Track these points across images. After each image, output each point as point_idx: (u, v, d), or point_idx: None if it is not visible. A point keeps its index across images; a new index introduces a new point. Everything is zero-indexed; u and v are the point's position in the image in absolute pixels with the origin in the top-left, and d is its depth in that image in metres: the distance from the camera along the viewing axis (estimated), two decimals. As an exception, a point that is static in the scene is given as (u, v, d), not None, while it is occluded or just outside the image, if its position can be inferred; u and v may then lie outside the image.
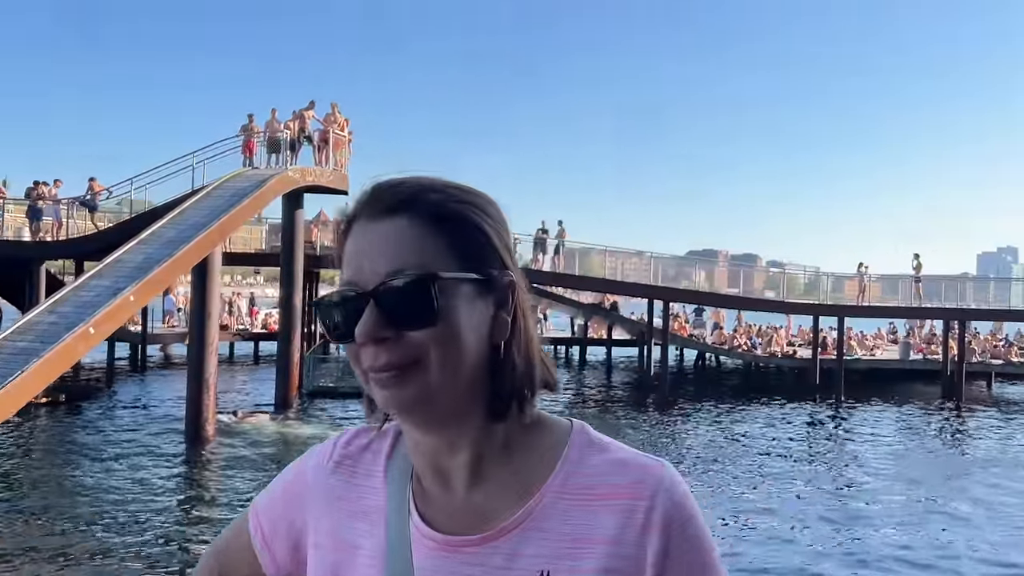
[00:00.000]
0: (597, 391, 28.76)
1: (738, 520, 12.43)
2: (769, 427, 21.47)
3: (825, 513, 13.08)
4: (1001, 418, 23.90)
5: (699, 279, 28.27)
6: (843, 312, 26.92)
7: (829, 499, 14.13)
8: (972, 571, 10.66)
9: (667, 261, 29.43)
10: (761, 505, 13.38)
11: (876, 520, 12.82)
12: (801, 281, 32.55)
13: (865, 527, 12.41)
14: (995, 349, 29.68)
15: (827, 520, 12.67)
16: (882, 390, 27.79)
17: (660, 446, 18.33)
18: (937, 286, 28.07)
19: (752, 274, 34.52)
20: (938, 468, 16.98)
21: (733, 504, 13.38)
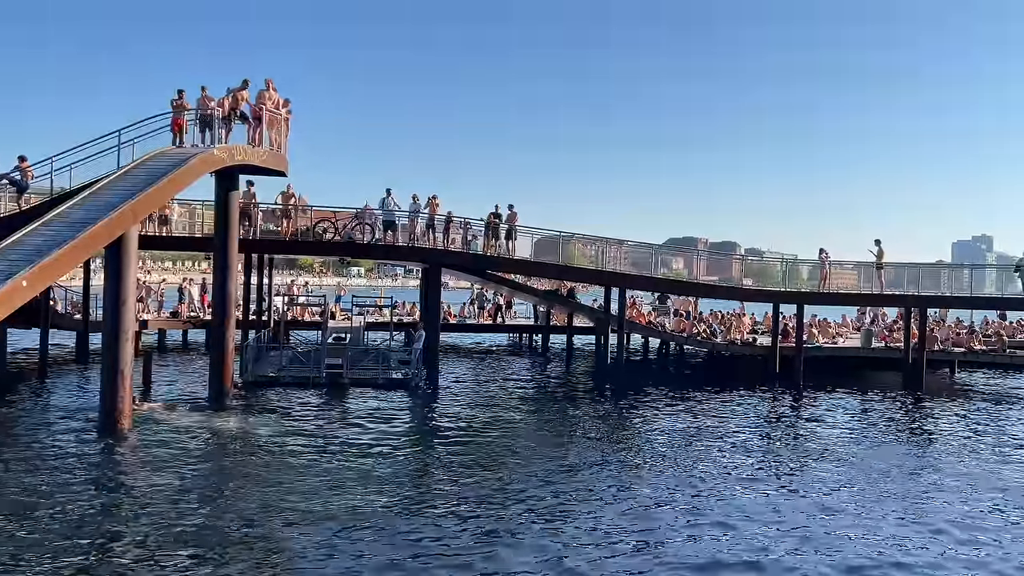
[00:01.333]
0: (555, 380, 28.13)
1: (683, 511, 12.13)
2: (723, 416, 20.88)
3: (774, 504, 12.63)
4: (959, 408, 23.45)
5: (655, 265, 27.51)
6: (802, 299, 26.36)
7: (778, 491, 13.61)
8: (914, 559, 10.43)
9: (640, 249, 28.60)
10: (708, 497, 12.90)
11: (825, 511, 12.44)
12: (778, 269, 31.91)
13: (815, 517, 12.05)
14: (957, 337, 29.29)
15: (775, 511, 12.26)
16: (843, 379, 27.32)
17: (612, 438, 17.79)
18: (912, 273, 27.42)
19: (729, 262, 33.81)
20: (888, 459, 16.44)
21: (683, 497, 12.94)
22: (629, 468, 14.79)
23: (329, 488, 12.67)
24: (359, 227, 23.65)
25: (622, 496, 12.94)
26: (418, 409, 20.38)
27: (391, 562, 9.68)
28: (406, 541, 10.45)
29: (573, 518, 11.68)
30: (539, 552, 10.21)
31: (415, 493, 12.69)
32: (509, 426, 18.71)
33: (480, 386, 25.14)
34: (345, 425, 17.74)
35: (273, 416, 18.55)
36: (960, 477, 15.01)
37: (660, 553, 10.39)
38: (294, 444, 15.84)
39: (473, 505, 12.10)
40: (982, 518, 12.44)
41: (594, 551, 10.38)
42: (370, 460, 14.65)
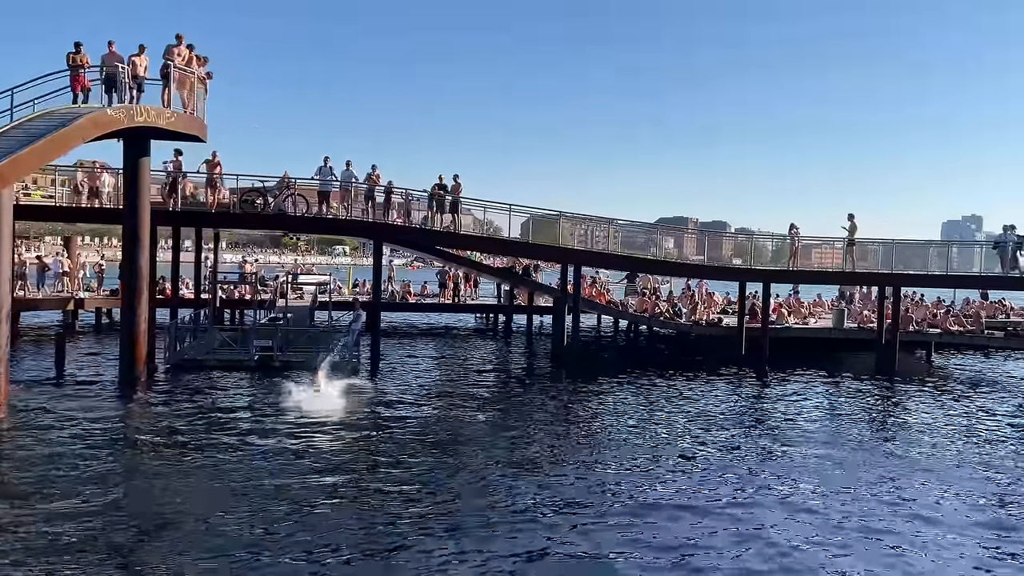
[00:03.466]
0: (507, 362, 26.65)
1: (627, 500, 11.26)
2: (675, 400, 19.50)
3: (723, 496, 11.56)
4: (926, 393, 22.00)
5: (608, 241, 25.90)
6: (768, 277, 24.82)
7: (729, 482, 12.49)
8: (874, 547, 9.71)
9: (630, 228, 26.90)
10: (652, 488, 11.85)
11: (777, 500, 11.51)
12: (769, 247, 30.32)
13: (766, 506, 11.18)
14: (933, 318, 27.83)
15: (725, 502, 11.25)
16: (814, 361, 25.90)
17: (563, 422, 16.50)
18: (896, 251, 25.77)
19: (720, 241, 32.08)
20: (850, 448, 15.07)
21: (627, 486, 11.95)
22: (562, 457, 13.33)
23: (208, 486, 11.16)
24: (290, 198, 21.91)
25: (558, 487, 11.74)
26: (345, 394, 18.69)
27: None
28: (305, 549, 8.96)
29: (502, 508, 10.35)
30: (467, 544, 8.98)
31: (316, 490, 11.16)
32: (446, 412, 17.13)
33: (426, 368, 23.59)
34: (256, 411, 16.16)
35: (179, 402, 16.98)
36: (908, 466, 13.74)
37: (599, 541, 9.48)
38: (190, 432, 14.31)
39: (396, 500, 10.86)
40: (933, 508, 11.46)
41: (533, 543, 9.44)
42: (265, 452, 13.07)
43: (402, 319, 36.90)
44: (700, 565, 9.05)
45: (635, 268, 26.11)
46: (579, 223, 26.05)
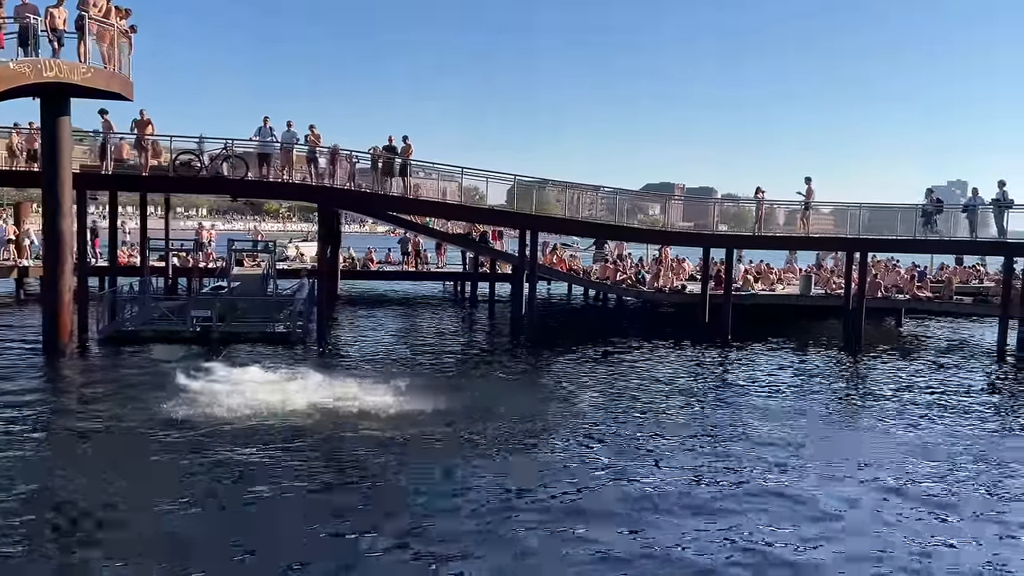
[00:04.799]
0: (471, 331, 25.83)
1: (572, 473, 10.79)
2: (638, 368, 18.83)
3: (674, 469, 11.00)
4: (890, 360, 21.37)
5: (566, 204, 24.87)
6: (732, 243, 23.95)
7: (677, 452, 11.99)
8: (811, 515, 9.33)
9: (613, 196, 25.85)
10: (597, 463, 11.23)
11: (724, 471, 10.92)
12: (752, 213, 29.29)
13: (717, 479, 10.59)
14: (908, 284, 27.08)
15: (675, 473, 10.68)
16: (780, 328, 25.21)
17: (516, 394, 15.78)
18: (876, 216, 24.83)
19: (706, 208, 30.91)
20: (803, 417, 14.44)
21: (577, 457, 11.56)
22: (510, 430, 12.52)
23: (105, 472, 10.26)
24: (227, 161, 20.75)
25: (509, 462, 11.22)
26: (284, 367, 17.67)
27: None
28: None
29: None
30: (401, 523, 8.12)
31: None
32: (393, 385, 16.21)
33: (377, 339, 22.70)
34: (175, 388, 15.16)
35: (95, 377, 16.07)
36: (862, 433, 13.16)
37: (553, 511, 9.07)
38: (92, 411, 13.41)
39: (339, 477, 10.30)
40: (890, 476, 11.00)
41: (483, 523, 8.91)
42: (180, 433, 12.17)
43: (369, 288, 35.94)
44: (655, 534, 8.72)
45: (593, 233, 25.15)
46: (563, 190, 25.11)
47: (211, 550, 8.07)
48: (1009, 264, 22.91)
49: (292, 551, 8.04)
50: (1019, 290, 22.57)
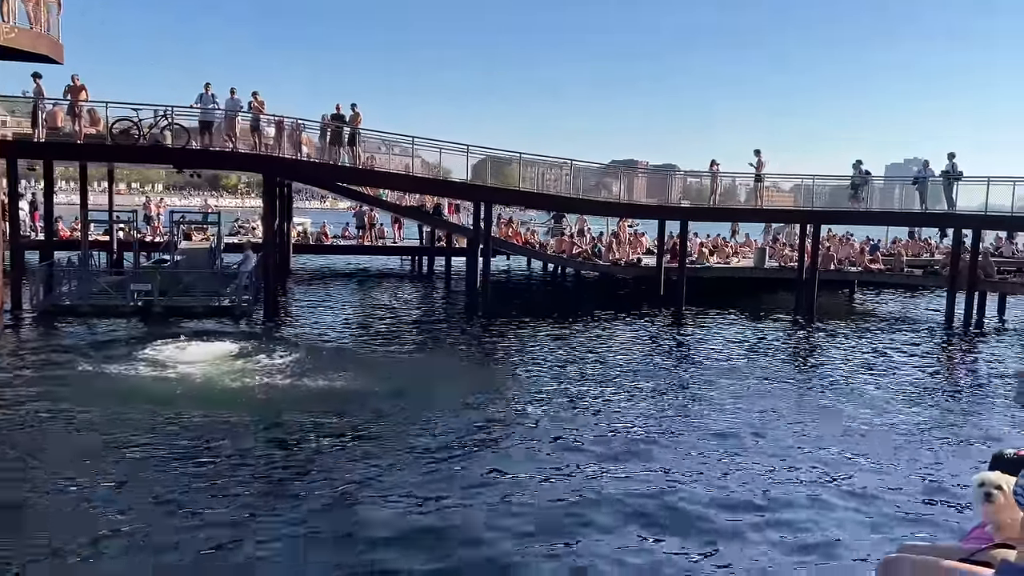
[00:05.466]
0: (425, 306, 25.45)
1: (533, 439, 10.71)
2: (588, 341, 18.67)
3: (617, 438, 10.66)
4: (837, 331, 21.50)
5: (529, 179, 24.62)
6: (687, 216, 23.84)
7: (630, 421, 11.76)
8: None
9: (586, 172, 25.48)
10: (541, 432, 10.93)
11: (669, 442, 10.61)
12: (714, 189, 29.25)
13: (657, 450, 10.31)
14: (859, 256, 27.29)
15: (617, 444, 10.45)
16: (736, 301, 25.24)
17: (468, 369, 15.49)
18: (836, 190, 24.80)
19: (666, 184, 30.68)
20: (752, 387, 14.39)
21: (523, 431, 11.20)
22: (460, 403, 12.22)
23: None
24: (168, 129, 20.02)
25: (463, 433, 10.85)
26: (226, 341, 17.14)
27: None
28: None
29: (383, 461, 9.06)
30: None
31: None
32: (337, 360, 15.82)
33: (324, 313, 22.23)
34: (105, 364, 14.62)
35: (22, 352, 15.44)
36: (804, 401, 13.08)
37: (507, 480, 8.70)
38: (17, 385, 12.87)
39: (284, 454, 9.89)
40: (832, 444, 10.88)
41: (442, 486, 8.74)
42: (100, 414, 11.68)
43: (324, 263, 35.31)
44: (603, 501, 8.54)
45: (548, 206, 24.88)
46: (529, 166, 24.76)
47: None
48: (957, 236, 23.12)
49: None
50: (967, 262, 22.78)
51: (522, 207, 27.91)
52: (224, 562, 7.02)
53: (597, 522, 8.02)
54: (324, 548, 7.35)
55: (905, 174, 32.55)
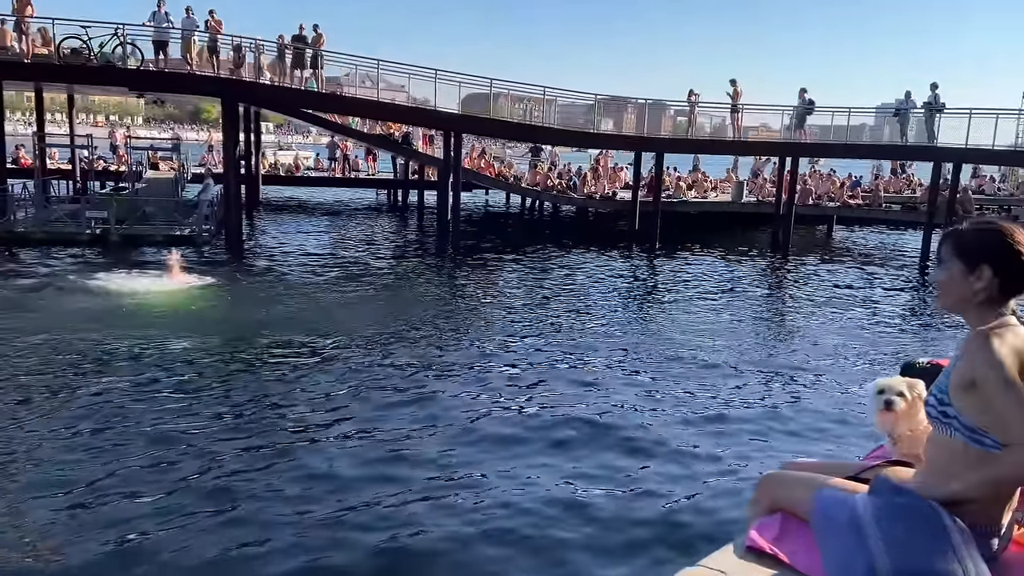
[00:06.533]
0: (390, 239, 24.90)
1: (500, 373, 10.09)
2: (557, 273, 18.32)
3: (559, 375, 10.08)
4: (814, 266, 21.24)
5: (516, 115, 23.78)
6: (662, 147, 23.21)
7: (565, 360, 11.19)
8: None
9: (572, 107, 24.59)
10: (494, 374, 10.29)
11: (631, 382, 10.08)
12: (706, 126, 28.50)
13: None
14: (838, 191, 26.87)
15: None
16: (710, 236, 24.87)
17: (437, 303, 14.99)
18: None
19: (660, 120, 29.72)
20: (710, 319, 14.10)
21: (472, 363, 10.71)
22: (429, 339, 11.83)
23: None
24: (119, 47, 19.02)
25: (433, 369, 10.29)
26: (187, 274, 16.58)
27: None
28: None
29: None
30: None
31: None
32: (301, 294, 15.36)
33: (288, 244, 21.69)
34: (60, 293, 14.11)
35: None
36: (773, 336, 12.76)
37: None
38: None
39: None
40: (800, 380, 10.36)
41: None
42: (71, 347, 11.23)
43: (299, 195, 34.53)
44: (567, 437, 8.11)
45: (519, 135, 24.08)
46: (517, 101, 23.91)
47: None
48: (937, 170, 22.66)
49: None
50: (946, 197, 22.40)
51: (496, 139, 27.07)
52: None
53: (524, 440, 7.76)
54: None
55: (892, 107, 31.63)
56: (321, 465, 7.13)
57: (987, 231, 2.05)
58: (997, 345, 1.90)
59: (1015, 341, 1.93)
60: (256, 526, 5.98)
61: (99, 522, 5.97)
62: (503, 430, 8.22)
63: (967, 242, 2.06)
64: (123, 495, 6.43)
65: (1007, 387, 1.87)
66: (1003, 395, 1.87)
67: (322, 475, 6.91)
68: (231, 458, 7.24)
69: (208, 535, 5.82)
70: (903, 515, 1.85)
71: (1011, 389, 1.86)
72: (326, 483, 6.76)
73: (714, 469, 7.37)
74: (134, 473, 6.85)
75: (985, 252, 2.01)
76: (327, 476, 6.91)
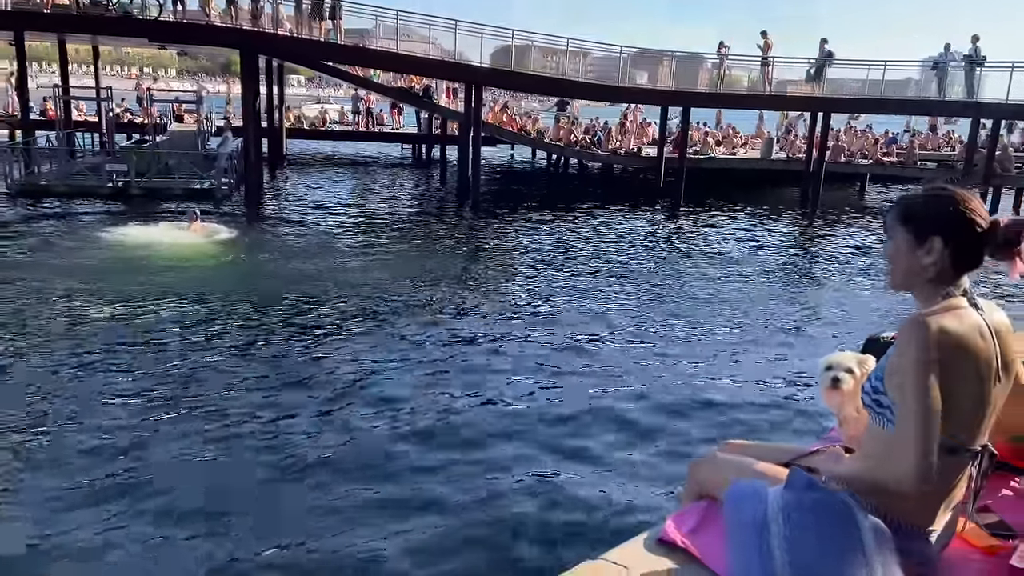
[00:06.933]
0: (408, 194, 24.71)
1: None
2: (575, 230, 18.06)
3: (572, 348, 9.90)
4: (842, 227, 20.62)
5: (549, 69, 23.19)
6: (689, 101, 22.54)
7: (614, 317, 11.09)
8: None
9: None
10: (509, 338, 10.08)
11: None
12: (744, 79, 27.62)
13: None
14: (872, 148, 25.98)
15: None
16: (737, 194, 24.29)
17: (449, 261, 14.76)
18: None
19: (696, 73, 28.90)
20: (724, 279, 13.77)
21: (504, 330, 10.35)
22: (446, 297, 11.73)
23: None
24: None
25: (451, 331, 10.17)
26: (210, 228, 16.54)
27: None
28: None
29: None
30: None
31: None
32: (320, 249, 15.32)
33: (306, 200, 21.59)
34: (71, 248, 14.19)
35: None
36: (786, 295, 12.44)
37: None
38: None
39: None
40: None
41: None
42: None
43: (323, 149, 34.41)
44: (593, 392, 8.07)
45: (542, 89, 23.60)
46: (549, 54, 23.35)
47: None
48: (975, 127, 21.75)
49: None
50: (984, 156, 21.53)
51: (518, 93, 26.54)
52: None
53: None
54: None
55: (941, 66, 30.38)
56: (336, 419, 7.13)
57: (939, 198, 1.81)
58: (926, 338, 1.68)
59: (957, 327, 1.70)
60: (276, 471, 5.97)
61: (114, 462, 6.01)
62: (503, 394, 8.10)
63: (916, 210, 1.83)
64: (131, 432, 6.49)
65: (916, 395, 1.67)
66: (910, 400, 1.68)
67: (339, 426, 6.96)
68: (236, 411, 7.23)
69: (217, 480, 5.85)
70: (812, 512, 1.66)
71: (919, 398, 1.67)
72: (340, 433, 6.77)
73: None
74: (137, 421, 6.87)
75: (936, 222, 1.79)
76: (342, 427, 6.93)
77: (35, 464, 6.13)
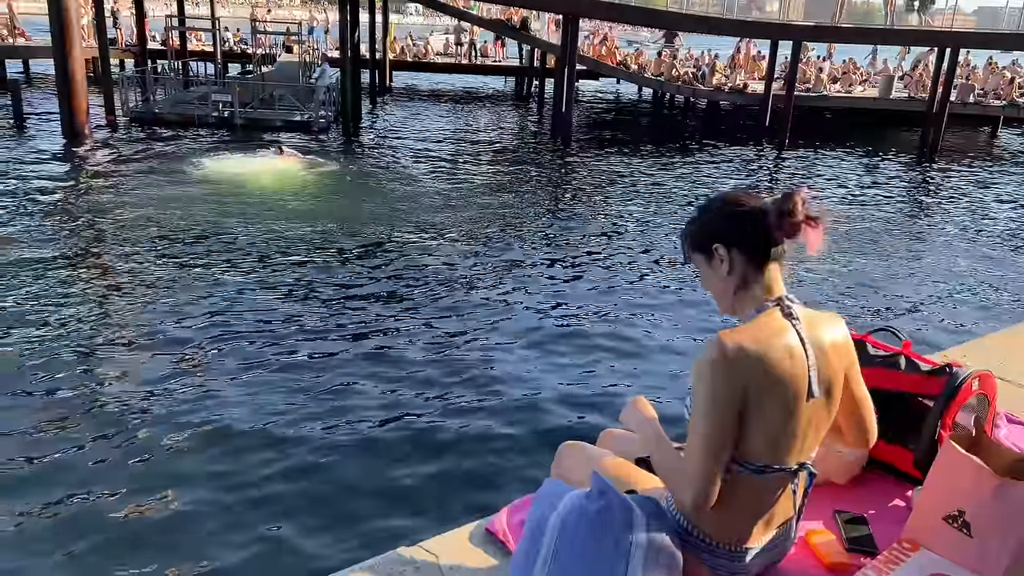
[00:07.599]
0: (515, 130, 24.53)
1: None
2: (655, 179, 17.49)
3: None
4: (960, 175, 19.02)
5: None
6: (800, 35, 21.09)
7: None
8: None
9: None
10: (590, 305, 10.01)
11: None
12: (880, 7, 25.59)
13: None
14: (1007, 87, 23.64)
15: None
16: (850, 135, 22.85)
17: (531, 201, 14.63)
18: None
19: (830, 3, 27.18)
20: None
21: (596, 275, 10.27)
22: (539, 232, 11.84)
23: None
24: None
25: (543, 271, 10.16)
26: (308, 157, 17.08)
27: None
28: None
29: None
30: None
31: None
32: (403, 183, 15.61)
33: (402, 134, 21.82)
34: (181, 174, 14.97)
35: (107, 161, 16.06)
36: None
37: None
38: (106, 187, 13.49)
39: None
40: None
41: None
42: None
43: (425, 81, 34.53)
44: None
45: (644, 20, 22.56)
46: None
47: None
48: None
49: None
50: None
51: (610, 21, 25.54)
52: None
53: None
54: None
55: (994, 14, 27.31)
56: (404, 354, 7.37)
57: (705, 208, 1.73)
58: (718, 360, 1.55)
59: (757, 347, 1.55)
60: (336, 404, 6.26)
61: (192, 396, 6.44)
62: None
63: (693, 228, 1.73)
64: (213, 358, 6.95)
65: (701, 417, 1.57)
66: (696, 422, 1.58)
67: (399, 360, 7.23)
68: (307, 342, 7.56)
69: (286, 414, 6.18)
70: (588, 522, 1.57)
71: (702, 420, 1.57)
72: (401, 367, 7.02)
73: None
74: (221, 347, 7.31)
75: (710, 229, 1.68)
76: (403, 361, 7.19)
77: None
